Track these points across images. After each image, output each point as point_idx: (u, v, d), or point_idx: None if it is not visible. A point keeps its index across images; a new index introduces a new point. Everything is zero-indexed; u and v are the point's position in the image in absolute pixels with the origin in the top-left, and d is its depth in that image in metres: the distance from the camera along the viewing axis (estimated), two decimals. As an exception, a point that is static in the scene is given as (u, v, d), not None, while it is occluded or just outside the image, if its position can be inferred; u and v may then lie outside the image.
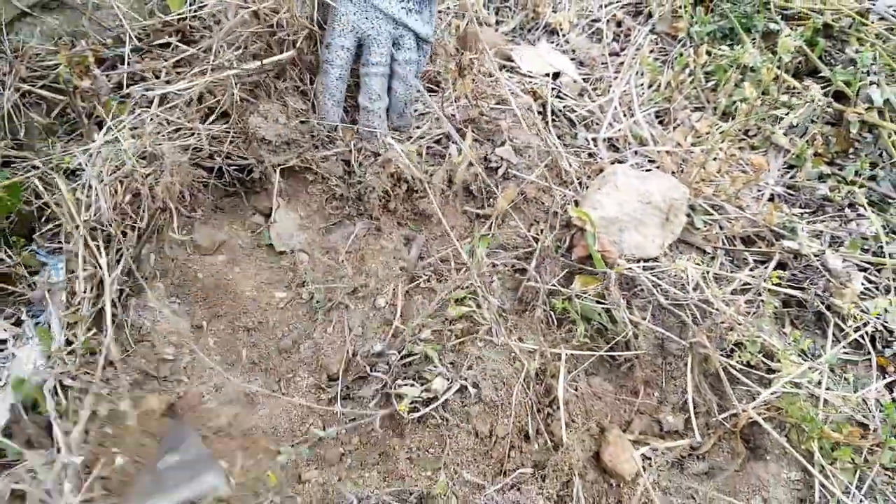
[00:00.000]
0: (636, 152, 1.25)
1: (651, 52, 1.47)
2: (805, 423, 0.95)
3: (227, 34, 1.10)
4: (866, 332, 1.07)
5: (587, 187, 1.14)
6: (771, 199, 1.24)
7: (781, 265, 1.13)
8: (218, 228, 1.07)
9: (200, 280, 1.01)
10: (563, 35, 1.51)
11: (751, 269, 1.12)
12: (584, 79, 1.41)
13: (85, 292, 0.92)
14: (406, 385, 0.94)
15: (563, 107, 1.32)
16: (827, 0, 1.45)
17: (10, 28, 1.12)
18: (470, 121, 1.19)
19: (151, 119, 1.05)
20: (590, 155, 1.23)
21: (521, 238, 1.11)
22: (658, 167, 1.22)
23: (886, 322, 1.07)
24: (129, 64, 1.12)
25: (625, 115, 1.33)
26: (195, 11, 1.20)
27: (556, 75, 1.40)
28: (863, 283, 1.11)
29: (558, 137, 1.25)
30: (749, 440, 1.00)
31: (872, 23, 1.41)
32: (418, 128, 1.20)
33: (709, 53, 1.39)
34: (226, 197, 1.09)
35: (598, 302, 1.03)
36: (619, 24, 1.56)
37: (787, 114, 1.30)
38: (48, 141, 1.08)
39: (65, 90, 1.06)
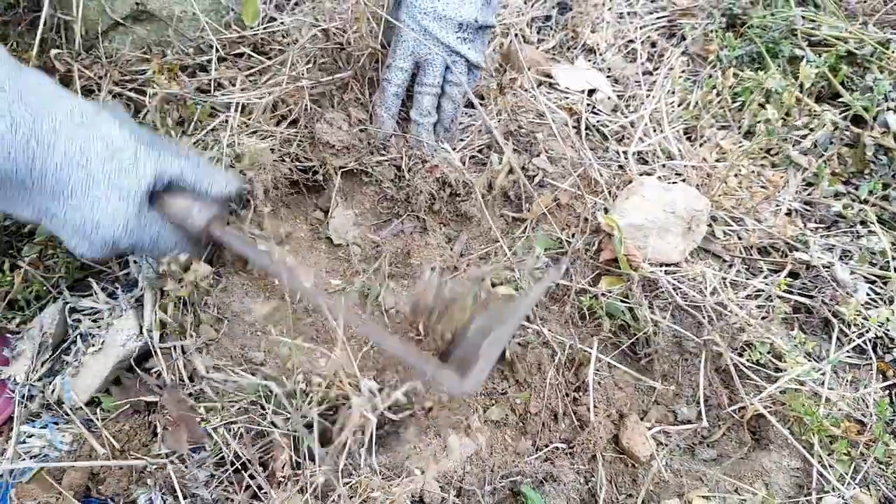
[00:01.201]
0: (664, 166, 1.35)
1: (682, 72, 1.56)
2: (807, 417, 1.04)
3: (300, 49, 1.23)
4: (869, 339, 1.16)
5: (616, 196, 1.24)
6: (788, 214, 1.33)
7: (793, 274, 1.23)
8: (283, 221, 1.19)
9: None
10: (600, 54, 1.61)
11: (764, 277, 1.21)
12: (617, 96, 1.51)
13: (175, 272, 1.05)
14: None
15: (597, 121, 1.42)
16: (851, 29, 1.53)
17: (105, 37, 1.25)
18: (509, 133, 1.30)
19: (242, 124, 1.18)
20: (620, 167, 1.33)
21: (554, 240, 1.21)
22: (684, 180, 1.31)
23: (888, 330, 1.16)
24: (215, 70, 1.25)
25: (655, 131, 1.42)
26: (267, 27, 1.33)
27: (592, 92, 1.49)
28: (868, 294, 1.20)
29: (591, 150, 1.35)
30: (755, 431, 1.09)
31: (893, 52, 1.49)
32: (461, 140, 1.31)
33: (736, 76, 1.49)
34: (290, 194, 1.21)
35: (622, 301, 1.13)
36: (653, 45, 1.66)
37: (806, 135, 1.39)
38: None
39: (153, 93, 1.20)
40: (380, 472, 0.96)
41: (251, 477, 0.94)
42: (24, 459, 0.97)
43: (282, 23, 1.34)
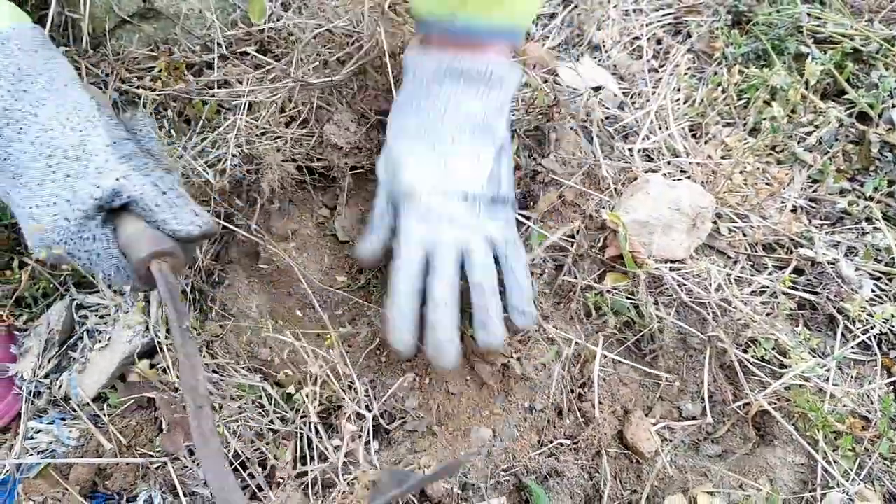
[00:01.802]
0: (669, 163, 1.35)
1: (688, 69, 1.56)
2: (811, 413, 1.05)
3: (304, 48, 1.23)
4: (873, 335, 1.16)
5: (622, 193, 1.24)
6: (793, 211, 1.32)
7: (798, 271, 1.23)
8: (290, 219, 1.20)
9: (274, 263, 1.14)
10: (606, 51, 1.61)
11: (769, 274, 1.21)
12: (623, 93, 1.50)
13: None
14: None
15: (603, 118, 1.42)
16: (856, 26, 1.53)
17: (112, 34, 1.25)
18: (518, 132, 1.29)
19: (250, 125, 1.18)
20: (625, 164, 1.33)
21: (559, 237, 1.21)
22: (689, 177, 1.31)
23: (893, 326, 1.16)
24: (217, 69, 1.25)
25: (660, 128, 1.42)
26: (273, 24, 1.33)
27: (598, 89, 1.49)
28: (873, 291, 1.20)
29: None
30: (760, 427, 1.10)
31: (899, 49, 1.49)
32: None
33: (741, 73, 1.48)
34: (297, 192, 1.21)
35: (627, 297, 1.13)
36: (658, 43, 1.65)
37: (811, 132, 1.39)
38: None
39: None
40: (381, 467, 0.96)
41: (250, 476, 0.95)
42: (31, 455, 0.98)
43: (279, 18, 1.33)
